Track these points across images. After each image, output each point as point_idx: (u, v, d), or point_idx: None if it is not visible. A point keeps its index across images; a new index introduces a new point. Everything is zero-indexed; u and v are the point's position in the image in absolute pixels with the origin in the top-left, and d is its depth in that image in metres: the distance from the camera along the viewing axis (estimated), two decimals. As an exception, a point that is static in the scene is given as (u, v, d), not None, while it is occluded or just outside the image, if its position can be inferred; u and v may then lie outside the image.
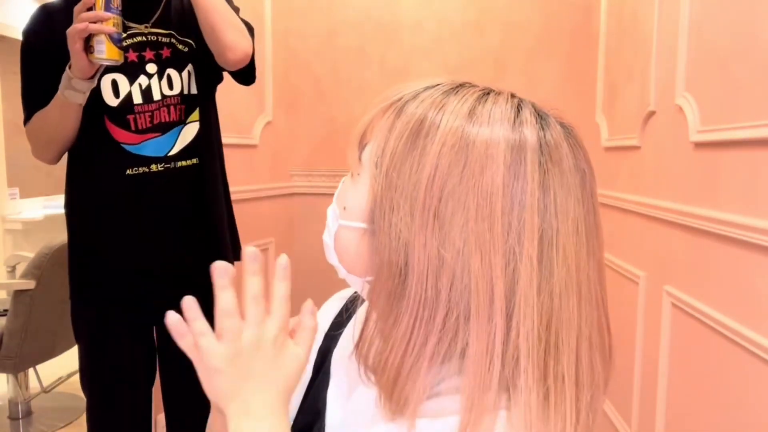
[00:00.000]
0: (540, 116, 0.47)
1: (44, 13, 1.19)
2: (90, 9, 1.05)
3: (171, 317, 0.47)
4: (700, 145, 1.23)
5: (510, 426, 0.43)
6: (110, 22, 1.06)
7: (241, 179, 2.08)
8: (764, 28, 0.99)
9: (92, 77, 1.12)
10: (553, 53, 2.24)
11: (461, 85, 0.49)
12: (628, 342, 1.64)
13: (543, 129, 0.46)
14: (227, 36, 1.19)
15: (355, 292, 0.62)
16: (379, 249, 0.47)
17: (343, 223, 0.52)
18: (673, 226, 1.36)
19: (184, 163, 1.27)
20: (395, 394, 0.46)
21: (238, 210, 1.45)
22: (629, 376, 1.62)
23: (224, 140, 1.41)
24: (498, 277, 0.43)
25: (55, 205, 3.40)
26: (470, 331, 0.44)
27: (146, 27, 1.22)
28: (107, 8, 1.06)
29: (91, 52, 1.06)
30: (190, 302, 0.47)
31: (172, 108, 1.24)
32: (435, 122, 0.46)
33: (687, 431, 1.28)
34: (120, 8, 1.08)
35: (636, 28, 1.65)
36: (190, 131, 1.28)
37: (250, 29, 1.29)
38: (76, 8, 1.05)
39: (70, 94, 1.12)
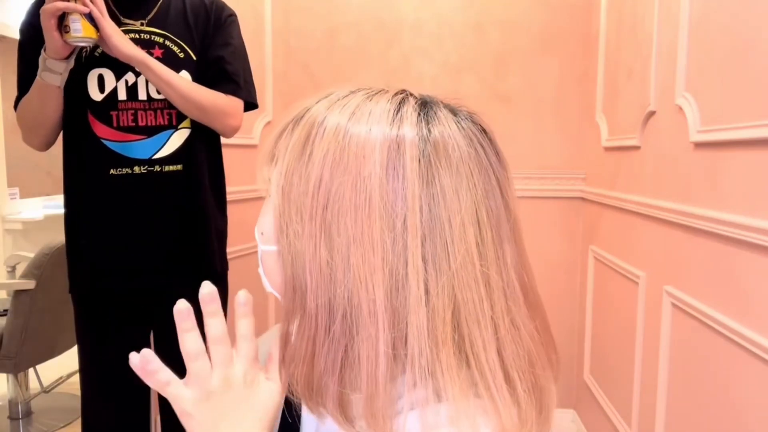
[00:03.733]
0: (425, 111, 0.45)
1: (40, 4, 1.19)
2: None
3: (133, 359, 0.48)
4: (700, 145, 1.23)
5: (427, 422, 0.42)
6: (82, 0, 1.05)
7: (241, 179, 2.08)
8: (764, 28, 0.99)
9: (68, 57, 1.12)
10: (553, 53, 2.24)
11: (356, 91, 0.48)
12: (628, 342, 1.64)
13: (427, 123, 0.44)
14: (213, 126, 1.30)
15: None
16: (284, 267, 0.46)
17: (263, 249, 0.52)
18: (673, 226, 1.36)
19: (169, 168, 1.26)
20: (313, 408, 0.46)
21: (238, 210, 1.44)
22: (629, 376, 1.62)
23: (224, 140, 1.40)
24: (378, 279, 0.41)
25: (55, 205, 3.40)
26: (359, 335, 0.42)
27: (141, 24, 1.22)
28: None
29: (67, 32, 1.05)
30: (148, 356, 0.48)
31: (159, 112, 1.23)
32: (321, 128, 0.45)
33: (687, 431, 1.28)
34: None
35: (636, 28, 1.65)
36: (180, 137, 1.27)
37: (243, 77, 1.33)
38: None
39: (47, 76, 1.12)
